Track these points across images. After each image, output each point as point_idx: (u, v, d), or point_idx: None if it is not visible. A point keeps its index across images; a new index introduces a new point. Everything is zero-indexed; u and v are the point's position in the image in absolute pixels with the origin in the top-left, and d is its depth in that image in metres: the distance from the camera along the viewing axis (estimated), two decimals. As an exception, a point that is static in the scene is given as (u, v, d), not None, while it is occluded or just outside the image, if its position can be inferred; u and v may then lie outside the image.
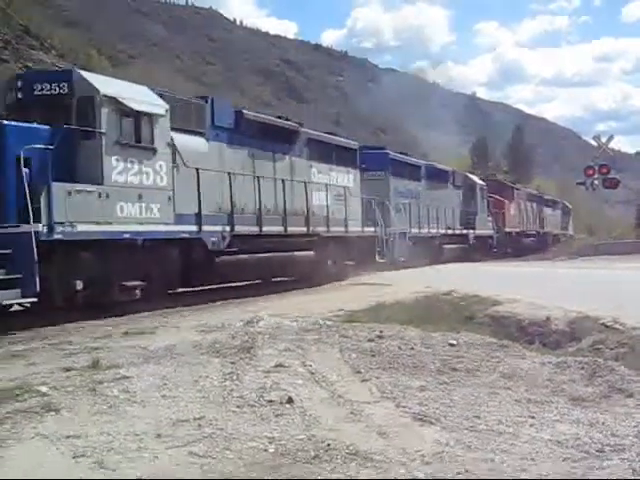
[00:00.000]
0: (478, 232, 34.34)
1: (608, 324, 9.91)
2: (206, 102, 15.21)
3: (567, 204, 66.93)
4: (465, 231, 33.04)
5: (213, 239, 14.50)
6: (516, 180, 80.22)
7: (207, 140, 14.88)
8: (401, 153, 28.92)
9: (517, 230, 42.74)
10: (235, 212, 15.23)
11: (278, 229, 16.90)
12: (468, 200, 34.02)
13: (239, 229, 15.27)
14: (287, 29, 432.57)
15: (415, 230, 26.62)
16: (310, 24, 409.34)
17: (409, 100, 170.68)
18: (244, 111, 16.60)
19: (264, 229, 16.21)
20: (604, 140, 35.67)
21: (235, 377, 6.58)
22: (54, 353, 8.11)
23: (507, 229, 40.00)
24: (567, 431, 5.27)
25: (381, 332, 9.02)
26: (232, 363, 7.14)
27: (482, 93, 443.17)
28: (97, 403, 5.71)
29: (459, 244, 32.04)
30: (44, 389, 6.08)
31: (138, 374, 6.63)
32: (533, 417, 5.64)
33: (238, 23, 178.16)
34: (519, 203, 44.31)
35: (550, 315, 11.04)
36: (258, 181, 16.11)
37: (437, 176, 30.92)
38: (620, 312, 10.43)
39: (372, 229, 21.76)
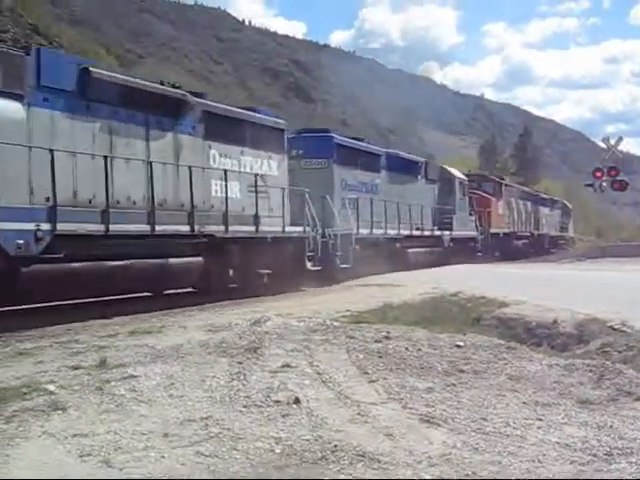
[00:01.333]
0: (456, 233, 29.85)
1: (616, 327, 9.87)
2: (27, 54, 11.30)
3: (567, 203, 63.15)
4: (439, 232, 28.39)
5: (19, 241, 10.49)
6: (524, 182, 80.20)
7: (26, 106, 10.98)
8: (354, 139, 24.18)
9: (506, 231, 38.17)
10: (66, 204, 11.29)
11: (140, 228, 12.83)
12: (444, 196, 29.51)
13: (65, 227, 11.12)
14: (295, 29, 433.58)
15: (365, 231, 21.80)
16: (318, 24, 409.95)
17: (417, 101, 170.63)
18: (93, 68, 12.39)
19: (113, 227, 12.07)
20: (613, 142, 35.52)
21: (242, 377, 6.58)
22: (62, 351, 8.12)
23: (493, 230, 35.37)
24: (575, 434, 5.26)
25: (388, 333, 9.01)
26: (239, 363, 7.14)
27: (490, 94, 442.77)
28: (104, 402, 5.72)
29: (431, 247, 27.48)
30: (51, 387, 6.09)
31: (145, 373, 6.63)
32: (541, 419, 5.63)
33: (247, 23, 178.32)
34: (509, 201, 39.86)
35: (557, 317, 11.00)
36: (111, 163, 12.22)
37: (403, 167, 25.95)
38: (628, 315, 10.39)
39: (299, 229, 17.80)
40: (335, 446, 4.79)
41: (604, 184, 33.89)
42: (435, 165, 31.20)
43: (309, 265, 18.20)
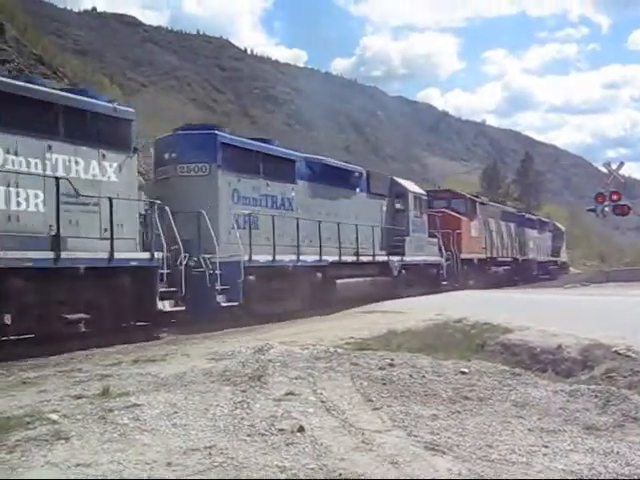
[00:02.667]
0: (410, 259, 24.56)
1: (621, 352, 9.82)
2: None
3: (559, 226, 58.29)
4: (384, 258, 23.06)
5: None
6: (526, 208, 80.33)
7: None
8: (257, 139, 19.31)
9: (482, 256, 32.90)
10: None
11: None
12: (395, 215, 24.63)
13: None
14: (297, 57, 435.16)
15: (264, 257, 16.64)
16: (319, 53, 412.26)
17: (418, 128, 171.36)
18: None
19: None
20: (614, 167, 35.59)
21: (246, 405, 6.55)
22: (65, 380, 8.10)
23: (465, 255, 29.83)
24: (581, 461, 5.22)
25: (392, 360, 8.98)
26: (243, 391, 7.11)
27: (491, 120, 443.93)
28: (107, 431, 5.69)
29: (373, 276, 22.22)
30: (54, 417, 6.07)
31: (149, 402, 6.61)
32: (546, 446, 5.59)
33: (248, 52, 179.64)
34: (487, 222, 34.70)
35: (562, 343, 10.95)
36: None
37: (333, 178, 21.03)
38: (633, 339, 10.35)
39: (143, 255, 13.31)
40: (340, 475, 4.76)
41: (606, 209, 33.89)
42: (382, 176, 25.48)
43: (164, 305, 13.65)
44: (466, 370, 8.50)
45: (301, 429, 5.79)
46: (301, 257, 18.22)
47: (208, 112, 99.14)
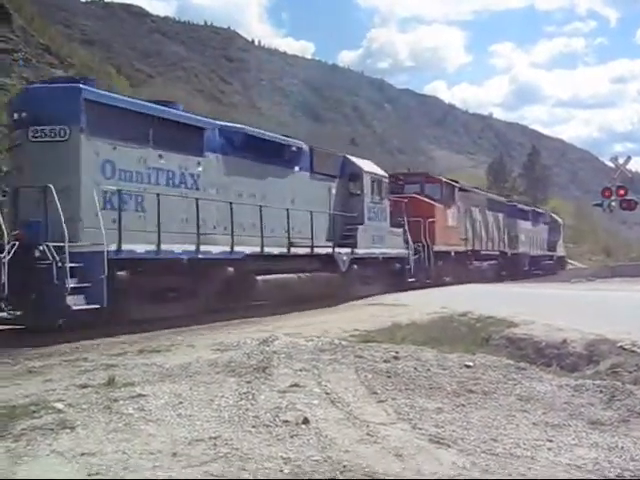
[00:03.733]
0: (363, 251, 20.52)
1: (626, 347, 9.81)
2: None
3: (556, 217, 53.86)
4: (328, 250, 18.85)
5: None
6: (533, 201, 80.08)
7: None
8: (161, 103, 15.12)
9: (461, 249, 29.15)
10: None
11: None
12: (348, 200, 20.67)
13: None
14: (304, 49, 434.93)
15: (142, 248, 12.96)
16: (327, 44, 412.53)
17: (425, 120, 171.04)
18: None
19: None
20: (621, 161, 35.49)
21: (251, 397, 6.56)
22: (70, 370, 8.13)
23: (439, 247, 25.86)
24: (586, 455, 5.22)
25: (397, 353, 8.98)
26: (248, 382, 7.13)
27: (498, 114, 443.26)
28: (112, 421, 5.71)
29: (313, 272, 18.25)
30: (60, 406, 6.09)
31: (154, 392, 6.63)
32: (551, 441, 5.58)
33: (256, 43, 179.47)
34: (469, 211, 30.97)
35: (567, 337, 10.95)
36: None
37: (260, 151, 16.73)
38: (639, 335, 10.33)
39: None
40: (344, 467, 4.77)
41: (613, 203, 33.82)
42: (331, 154, 20.99)
43: None
44: (471, 364, 8.49)
45: (305, 421, 5.80)
46: (203, 248, 14.32)
47: (215, 103, 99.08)
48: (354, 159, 21.58)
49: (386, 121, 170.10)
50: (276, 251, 16.71)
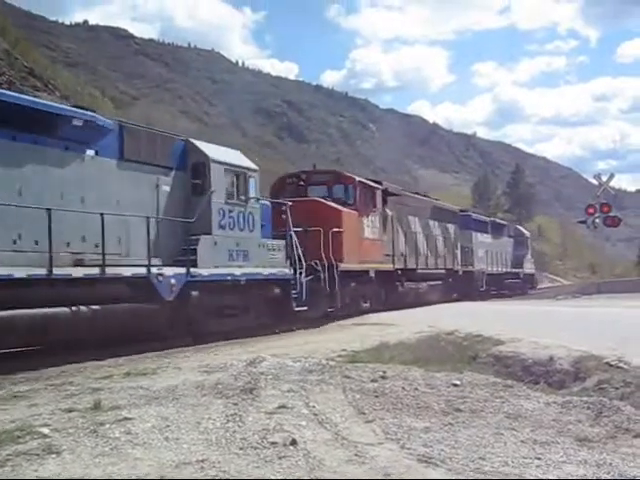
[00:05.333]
0: (210, 272, 14.66)
1: (612, 363, 9.84)
2: None
3: (522, 230, 48.76)
4: (141, 271, 13.07)
5: None
6: (517, 219, 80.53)
7: None
8: None
9: (385, 268, 22.98)
10: None
11: None
12: (191, 201, 15.00)
13: None
14: (288, 70, 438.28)
15: None
16: (311, 65, 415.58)
17: (410, 140, 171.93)
18: None
19: None
20: (605, 179, 35.80)
21: (238, 418, 6.53)
22: (56, 394, 8.06)
23: (348, 266, 19.74)
24: (574, 472, 5.22)
25: (384, 373, 8.97)
26: (235, 404, 7.09)
27: (482, 132, 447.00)
28: (99, 445, 5.66)
29: (108, 303, 12.20)
30: (45, 431, 6.03)
31: (140, 415, 6.58)
32: (539, 458, 5.58)
33: (240, 64, 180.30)
34: (402, 220, 25.65)
35: (554, 354, 10.97)
36: None
37: (11, 123, 11.03)
38: (624, 351, 10.37)
39: None
40: (332, 488, 4.75)
41: (597, 220, 34.08)
42: (158, 135, 14.95)
43: None
44: (458, 382, 8.49)
45: (294, 442, 5.77)
46: None
47: (200, 124, 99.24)
48: (200, 144, 15.42)
49: (370, 141, 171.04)
50: (24, 274, 10.70)
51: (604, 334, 12.89)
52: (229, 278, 15.29)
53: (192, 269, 14.06)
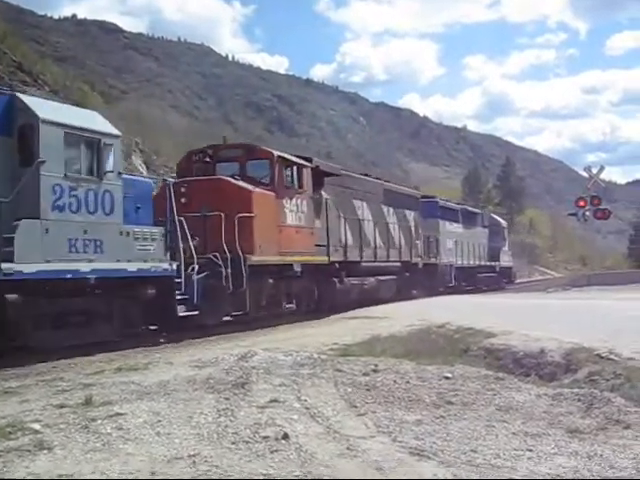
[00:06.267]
0: (36, 268, 10.74)
1: (603, 355, 9.88)
2: None
3: (498, 219, 44.66)
4: None
5: None
6: (508, 212, 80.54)
7: None
8: None
9: (318, 261, 19.02)
10: None
11: None
12: (13, 176, 10.99)
13: None
14: (278, 64, 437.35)
15: None
16: (300, 59, 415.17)
17: (400, 133, 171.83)
18: None
19: None
20: (595, 171, 35.87)
21: (230, 413, 6.52)
22: (47, 390, 8.03)
23: (262, 258, 16.10)
24: (565, 464, 5.24)
25: (376, 366, 8.98)
26: (226, 399, 7.08)
27: (472, 126, 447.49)
28: (90, 441, 5.65)
29: None
30: (37, 426, 6.01)
31: (132, 411, 6.57)
32: (531, 450, 5.61)
33: (230, 58, 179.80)
34: (344, 205, 21.40)
35: (545, 347, 11.00)
36: None
37: None
38: (615, 343, 10.41)
39: None
40: (324, 481, 4.75)
41: (587, 213, 34.12)
42: None
43: None
44: (450, 375, 8.51)
45: (285, 436, 5.77)
46: None
47: (190, 119, 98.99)
48: (29, 101, 11.79)
49: (361, 134, 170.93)
50: None
51: (595, 326, 12.93)
52: (69, 276, 11.49)
53: (5, 264, 10.41)
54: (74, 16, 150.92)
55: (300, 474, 4.90)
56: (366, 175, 25.59)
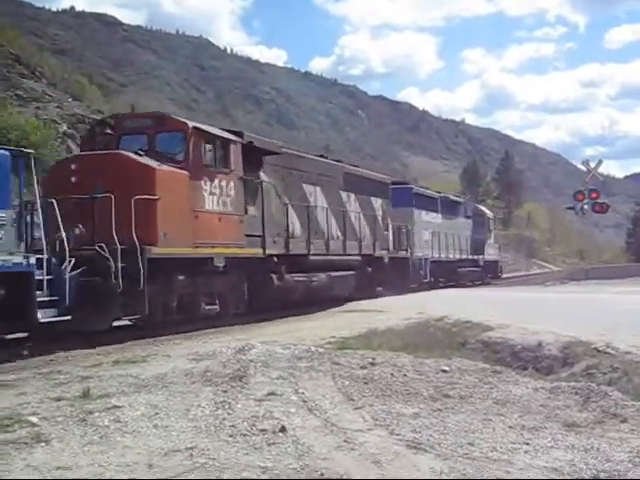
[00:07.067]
0: None
1: (601, 349, 9.89)
2: None
3: (483, 210, 42.09)
4: None
5: None
6: (506, 205, 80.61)
7: None
8: None
9: (249, 254, 15.88)
10: None
11: None
12: None
13: None
14: (277, 57, 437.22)
15: None
16: (299, 52, 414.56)
17: (399, 126, 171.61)
18: None
19: None
20: (593, 165, 35.87)
21: (227, 406, 6.53)
22: (44, 382, 8.03)
23: (164, 250, 12.84)
24: (562, 457, 5.25)
25: (373, 359, 8.98)
26: (224, 392, 7.09)
27: (470, 119, 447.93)
28: (88, 433, 5.65)
29: None
30: (34, 419, 6.02)
31: (129, 403, 6.58)
32: (528, 443, 5.61)
33: (228, 51, 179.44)
34: (291, 188, 18.14)
35: (542, 340, 11.00)
36: None
37: None
38: (613, 336, 10.42)
39: None
40: (322, 474, 4.76)
41: (585, 207, 34.15)
42: None
43: None
44: (447, 368, 8.52)
45: (283, 429, 5.78)
46: None
47: (188, 112, 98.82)
48: None
49: (360, 128, 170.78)
50: None
51: (592, 320, 12.94)
52: None
53: None
54: (72, 8, 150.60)
55: (297, 467, 4.91)
56: (321, 156, 22.35)
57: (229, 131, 16.18)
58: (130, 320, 13.22)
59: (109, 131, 14.76)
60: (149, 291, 12.39)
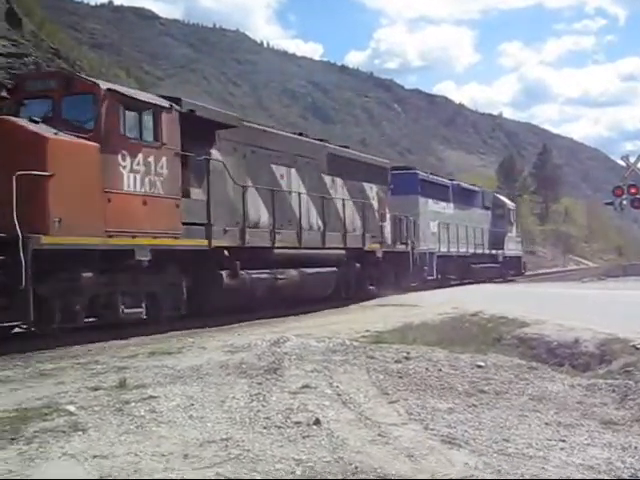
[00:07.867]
0: None
1: (638, 346, 9.76)
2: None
3: (504, 200, 38.37)
4: None
5: None
6: (543, 200, 79.74)
7: None
8: None
9: (181, 245, 13.09)
10: None
11: None
12: None
13: None
14: (313, 51, 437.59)
15: None
16: (335, 46, 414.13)
17: (435, 121, 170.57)
18: None
19: None
20: (633, 160, 35.33)
21: (262, 398, 6.55)
22: (82, 372, 8.13)
23: (60, 240, 10.33)
24: (599, 455, 5.18)
25: (408, 353, 8.96)
26: (259, 384, 7.12)
27: (507, 113, 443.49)
28: (124, 423, 5.71)
29: None
30: (72, 408, 6.09)
31: (165, 394, 6.63)
32: (564, 441, 5.55)
33: (265, 45, 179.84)
34: (248, 169, 15.41)
35: (579, 337, 10.90)
36: None
37: None
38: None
39: None
40: (356, 468, 4.75)
41: (624, 202, 33.65)
42: None
43: None
44: (482, 364, 8.47)
45: (317, 422, 5.78)
46: None
47: (225, 105, 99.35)
48: None
49: (396, 122, 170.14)
50: None
51: (630, 317, 12.77)
52: None
53: None
54: (110, 2, 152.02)
55: (331, 460, 4.91)
56: (300, 134, 19.19)
57: (166, 97, 13.50)
58: (20, 327, 10.99)
59: (4, 94, 12.66)
60: (41, 291, 10.27)
